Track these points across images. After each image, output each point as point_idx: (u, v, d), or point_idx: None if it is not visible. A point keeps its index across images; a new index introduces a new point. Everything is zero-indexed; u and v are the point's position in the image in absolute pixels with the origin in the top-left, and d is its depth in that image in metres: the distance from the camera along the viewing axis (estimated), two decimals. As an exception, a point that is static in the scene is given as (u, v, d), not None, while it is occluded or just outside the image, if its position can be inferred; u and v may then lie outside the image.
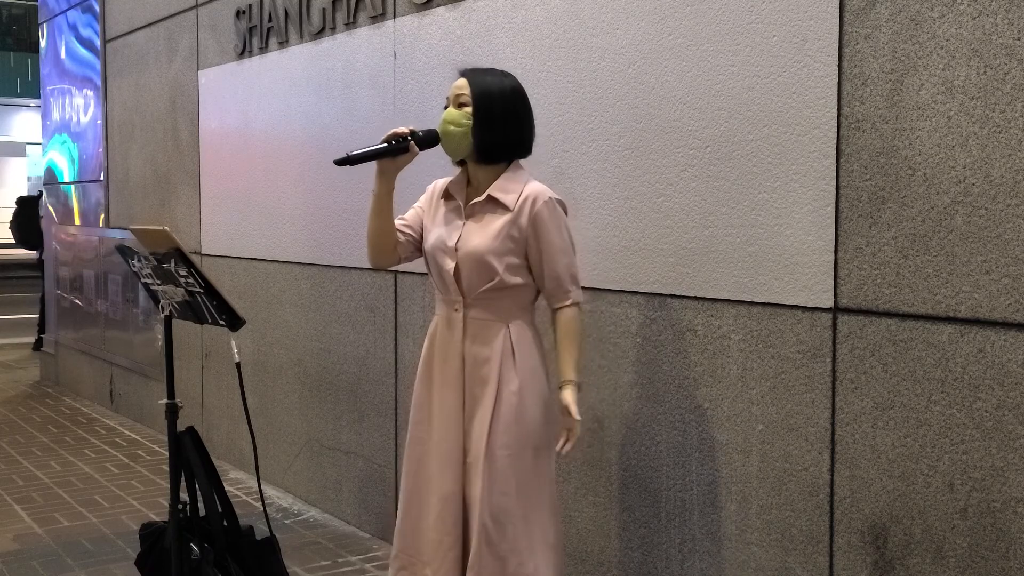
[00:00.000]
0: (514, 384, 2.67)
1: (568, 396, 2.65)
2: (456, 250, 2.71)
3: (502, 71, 2.80)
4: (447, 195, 2.83)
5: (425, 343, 2.85)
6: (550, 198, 2.69)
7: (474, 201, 2.73)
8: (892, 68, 2.47)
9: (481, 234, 2.69)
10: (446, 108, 2.74)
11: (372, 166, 2.80)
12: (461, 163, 2.82)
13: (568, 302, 2.71)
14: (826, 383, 2.64)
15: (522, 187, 2.70)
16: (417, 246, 2.88)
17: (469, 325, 2.72)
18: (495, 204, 2.70)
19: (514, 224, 2.67)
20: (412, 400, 2.89)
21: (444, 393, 2.76)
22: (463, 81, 2.72)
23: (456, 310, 2.73)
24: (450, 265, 2.71)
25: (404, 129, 2.76)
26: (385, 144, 2.75)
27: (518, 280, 2.70)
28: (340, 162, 2.76)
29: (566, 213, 2.74)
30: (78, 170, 7.79)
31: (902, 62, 2.45)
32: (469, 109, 2.68)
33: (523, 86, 2.77)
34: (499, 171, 2.73)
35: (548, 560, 2.70)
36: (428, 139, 2.77)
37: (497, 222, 2.68)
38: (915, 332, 2.45)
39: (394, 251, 2.88)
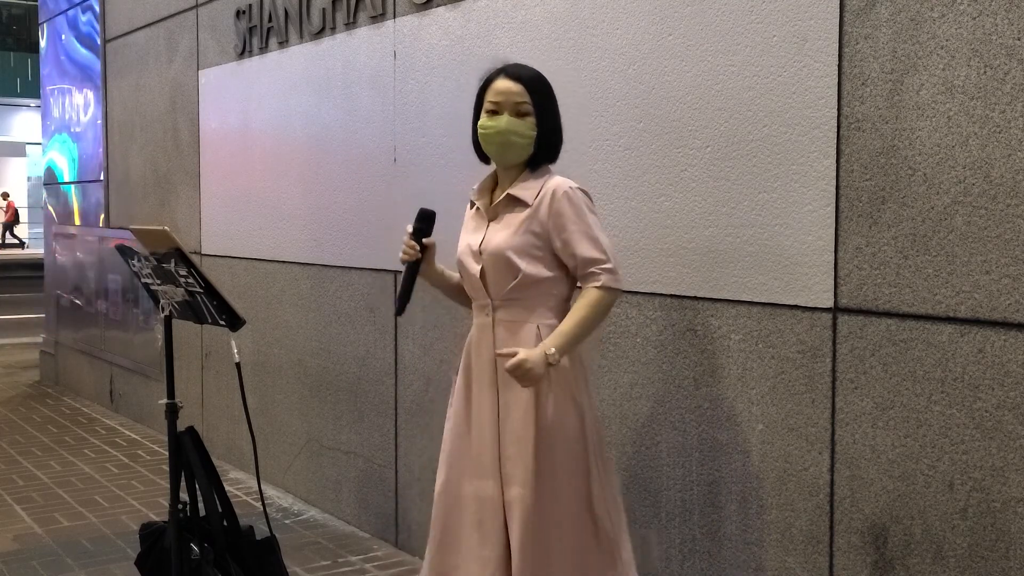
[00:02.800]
0: (550, 389, 2.60)
1: (527, 351, 2.52)
2: (480, 252, 2.67)
3: (536, 70, 2.72)
4: (473, 202, 2.80)
5: (464, 352, 2.79)
6: (570, 187, 2.62)
7: (496, 202, 2.70)
8: (892, 68, 2.47)
9: (502, 233, 2.64)
10: (494, 112, 2.64)
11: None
12: (487, 162, 2.78)
13: (597, 283, 2.56)
14: (826, 383, 2.65)
15: (543, 183, 2.65)
16: None
17: (499, 328, 2.66)
18: (515, 202, 2.65)
19: (534, 219, 2.61)
20: (448, 410, 2.83)
21: (480, 400, 2.70)
22: (520, 88, 2.63)
23: (487, 314, 2.69)
24: (476, 268, 2.67)
25: (408, 237, 2.73)
26: (411, 263, 2.75)
27: (544, 273, 2.62)
28: (401, 311, 2.76)
29: (589, 200, 2.66)
30: (78, 170, 7.79)
31: (902, 62, 2.45)
32: (532, 119, 2.63)
33: None
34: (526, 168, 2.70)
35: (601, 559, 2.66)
36: (428, 221, 2.75)
37: (517, 219, 2.63)
38: (915, 332, 2.45)
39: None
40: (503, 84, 2.64)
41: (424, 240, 2.74)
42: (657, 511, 3.10)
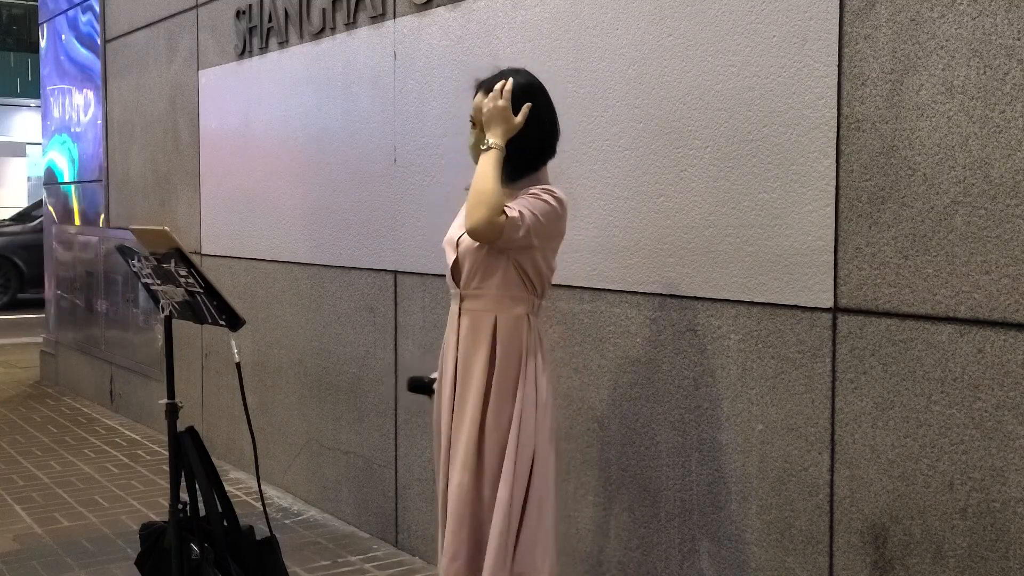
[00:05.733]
0: (501, 381, 2.67)
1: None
2: (458, 244, 2.72)
3: (513, 70, 2.74)
4: None
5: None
6: (544, 187, 2.65)
7: None
8: (892, 68, 2.47)
9: None
10: (472, 126, 2.73)
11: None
12: None
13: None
14: (826, 383, 2.65)
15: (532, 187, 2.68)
16: None
17: (463, 318, 2.73)
18: None
19: None
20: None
21: (444, 389, 2.80)
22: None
23: (455, 303, 2.77)
24: (451, 257, 2.75)
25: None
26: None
27: (508, 266, 2.65)
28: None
29: (562, 208, 2.66)
30: (78, 170, 7.79)
31: (902, 62, 2.45)
32: None
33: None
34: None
35: (545, 559, 2.71)
36: (420, 390, 3.03)
37: None
38: (915, 332, 2.45)
39: None
40: (477, 99, 2.72)
41: (435, 386, 2.91)
42: (657, 511, 3.10)
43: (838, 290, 2.61)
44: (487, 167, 2.58)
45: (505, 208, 2.55)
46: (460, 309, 2.74)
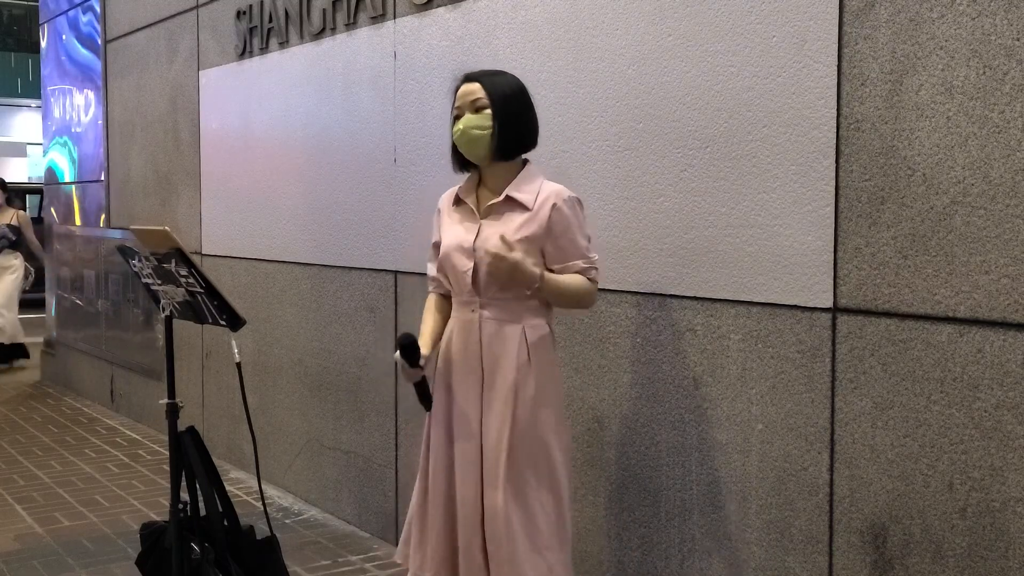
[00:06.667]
0: (531, 388, 2.69)
1: (523, 257, 2.61)
2: (474, 250, 2.71)
3: (500, 70, 2.84)
4: (457, 201, 2.84)
5: (441, 346, 2.84)
6: (569, 196, 2.72)
7: (492, 202, 2.74)
8: (892, 68, 2.47)
9: (500, 233, 2.68)
10: (458, 116, 2.74)
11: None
12: (465, 169, 2.84)
13: (591, 277, 2.74)
14: (825, 383, 2.65)
15: (539, 187, 2.72)
16: None
17: (485, 326, 2.72)
18: (513, 204, 2.72)
19: (533, 221, 2.68)
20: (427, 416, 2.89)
21: (463, 397, 2.76)
22: (475, 86, 2.73)
23: (472, 311, 2.74)
24: (467, 266, 2.72)
25: (405, 366, 2.75)
26: (417, 381, 2.83)
27: None
28: (430, 407, 2.86)
29: (583, 209, 2.76)
30: (78, 170, 7.79)
31: (902, 62, 2.45)
32: (489, 112, 2.69)
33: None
34: (513, 169, 2.75)
35: (562, 555, 2.72)
36: (413, 348, 2.73)
37: (516, 220, 2.69)
38: (914, 332, 2.45)
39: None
40: (462, 88, 2.77)
41: (421, 362, 2.76)
42: (657, 511, 3.10)
43: (838, 290, 2.61)
44: (560, 286, 2.68)
45: (594, 275, 2.75)
46: (480, 317, 2.72)
